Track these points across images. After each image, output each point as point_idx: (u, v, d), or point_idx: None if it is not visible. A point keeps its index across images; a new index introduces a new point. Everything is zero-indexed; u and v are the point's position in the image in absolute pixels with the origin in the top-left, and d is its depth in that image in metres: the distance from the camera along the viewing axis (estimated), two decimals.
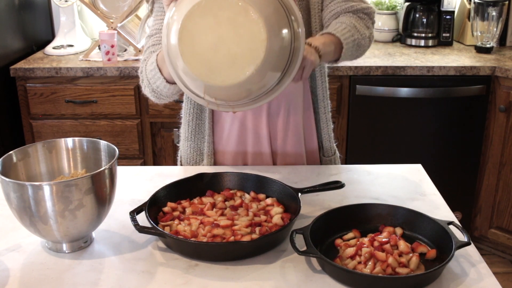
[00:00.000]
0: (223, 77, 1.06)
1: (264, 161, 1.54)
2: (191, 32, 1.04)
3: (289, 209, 1.23)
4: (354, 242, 1.12)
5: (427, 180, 1.45)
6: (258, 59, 1.03)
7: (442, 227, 1.11)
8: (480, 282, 1.03)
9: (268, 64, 1.05)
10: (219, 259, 1.09)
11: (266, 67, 1.05)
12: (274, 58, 1.06)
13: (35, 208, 1.04)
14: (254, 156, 1.54)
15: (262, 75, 1.06)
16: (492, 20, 2.80)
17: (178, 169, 1.57)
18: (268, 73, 1.07)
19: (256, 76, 1.05)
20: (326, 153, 1.60)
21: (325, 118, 1.57)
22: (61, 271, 1.07)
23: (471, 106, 2.66)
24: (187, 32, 1.04)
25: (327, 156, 1.60)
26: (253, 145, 1.53)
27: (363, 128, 2.71)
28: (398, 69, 2.58)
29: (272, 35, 1.03)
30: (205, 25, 1.03)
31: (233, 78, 1.06)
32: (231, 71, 1.05)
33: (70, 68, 2.59)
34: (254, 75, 1.05)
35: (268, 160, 1.54)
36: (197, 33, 1.04)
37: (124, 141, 2.70)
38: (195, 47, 1.05)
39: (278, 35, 1.05)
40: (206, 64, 1.06)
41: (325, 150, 1.60)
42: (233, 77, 1.06)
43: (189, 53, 1.06)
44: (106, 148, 1.21)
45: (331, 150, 1.62)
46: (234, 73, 1.05)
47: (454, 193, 2.73)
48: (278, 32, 1.05)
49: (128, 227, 1.18)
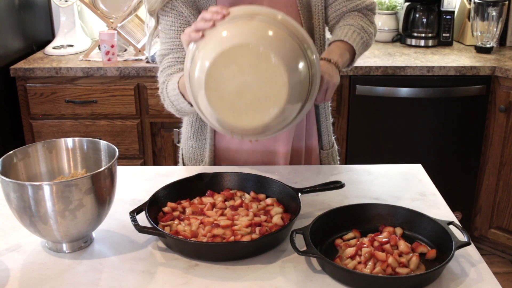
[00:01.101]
0: (248, 119, 1.12)
1: (265, 158, 1.54)
2: (216, 80, 1.08)
3: (289, 209, 1.23)
4: (354, 242, 1.12)
5: (427, 180, 1.45)
6: (281, 101, 1.08)
7: (442, 227, 1.11)
8: (480, 282, 1.03)
9: (290, 102, 1.09)
10: (219, 259, 1.09)
11: (288, 105, 1.09)
12: (295, 95, 1.10)
13: (35, 208, 1.04)
14: (255, 154, 1.54)
15: (285, 113, 1.11)
16: (492, 20, 2.80)
17: (178, 169, 1.57)
18: (290, 109, 1.11)
19: (280, 116, 1.10)
20: (324, 147, 1.61)
21: (324, 112, 1.58)
22: (61, 271, 1.07)
23: (471, 106, 2.66)
24: (213, 80, 1.08)
25: (325, 149, 1.61)
26: (255, 143, 1.53)
27: (363, 128, 2.71)
28: (398, 69, 2.58)
29: (292, 75, 1.07)
30: (229, 73, 1.08)
31: (258, 120, 1.11)
32: (256, 114, 1.10)
33: (70, 68, 2.59)
34: (278, 116, 1.10)
35: (270, 157, 1.54)
36: (222, 80, 1.08)
37: (124, 141, 2.70)
38: (221, 93, 1.10)
39: (296, 71, 1.09)
40: (232, 108, 1.11)
41: (324, 143, 1.61)
42: (258, 120, 1.11)
43: (215, 98, 1.10)
44: (106, 148, 1.21)
45: (329, 143, 1.63)
46: (259, 115, 1.10)
47: (454, 193, 2.73)
48: (296, 69, 1.09)
49: (128, 227, 1.18)
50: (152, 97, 2.62)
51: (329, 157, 1.63)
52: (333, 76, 1.29)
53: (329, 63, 1.32)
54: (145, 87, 2.63)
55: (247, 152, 1.55)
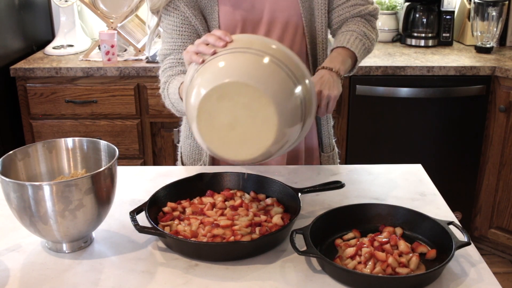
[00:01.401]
0: (236, 153, 1.13)
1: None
2: (209, 112, 1.10)
3: (289, 209, 1.23)
4: (354, 242, 1.12)
5: (427, 180, 1.45)
6: (269, 141, 1.09)
7: (442, 227, 1.11)
8: (480, 282, 1.03)
9: (280, 137, 1.10)
10: (219, 259, 1.09)
11: (279, 139, 1.10)
12: (287, 129, 1.10)
13: (35, 208, 1.04)
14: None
15: (277, 145, 1.11)
16: (492, 20, 2.80)
17: (178, 169, 1.57)
18: (283, 140, 1.11)
19: (267, 152, 1.11)
20: (325, 150, 1.61)
21: (325, 116, 1.58)
22: (61, 271, 1.07)
23: (471, 106, 2.66)
24: (205, 111, 1.10)
25: (326, 152, 1.61)
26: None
27: (363, 128, 2.71)
28: (398, 69, 2.58)
29: (283, 112, 1.08)
30: (222, 106, 1.09)
31: (246, 155, 1.12)
32: (245, 148, 1.11)
33: (70, 68, 2.59)
34: (265, 153, 1.11)
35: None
36: (214, 112, 1.10)
37: (124, 141, 2.70)
38: (213, 124, 1.11)
39: (288, 106, 1.09)
40: (222, 139, 1.12)
41: (325, 146, 1.61)
42: (246, 154, 1.12)
43: (207, 129, 1.12)
44: (106, 148, 1.21)
45: (330, 146, 1.63)
46: (247, 150, 1.11)
47: (454, 193, 2.73)
48: (288, 103, 1.09)
49: (128, 227, 1.18)
50: (152, 97, 2.62)
51: (330, 160, 1.63)
52: (333, 88, 1.30)
53: (330, 72, 1.33)
54: (145, 87, 2.63)
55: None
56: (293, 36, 1.47)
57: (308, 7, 1.46)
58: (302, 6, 1.45)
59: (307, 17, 1.46)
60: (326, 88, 1.29)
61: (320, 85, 1.30)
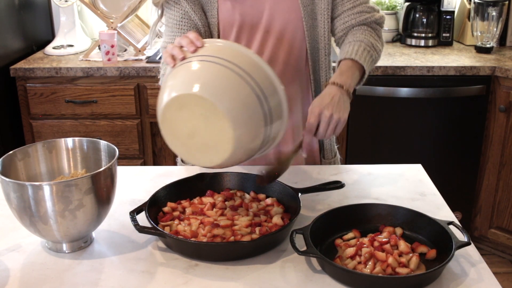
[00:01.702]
0: (198, 159, 1.16)
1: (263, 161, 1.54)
2: (170, 120, 1.13)
3: (289, 209, 1.23)
4: (354, 242, 1.12)
5: (427, 180, 1.45)
6: (227, 152, 1.10)
7: (442, 227, 1.11)
8: (480, 282, 1.03)
9: (238, 149, 1.11)
10: (219, 259, 1.09)
11: (238, 149, 1.11)
12: (246, 138, 1.11)
13: (35, 208, 1.04)
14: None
15: (240, 153, 1.12)
16: (492, 20, 2.80)
17: (178, 169, 1.57)
18: (246, 147, 1.12)
19: (230, 160, 1.13)
20: (326, 156, 1.60)
21: None
22: (61, 271, 1.07)
23: (471, 106, 2.66)
24: (167, 119, 1.14)
25: (327, 158, 1.60)
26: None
27: (363, 128, 2.71)
28: (398, 69, 2.58)
29: (241, 128, 1.09)
30: (181, 116, 1.12)
31: (209, 162, 1.15)
32: (205, 156, 1.14)
33: (70, 68, 2.59)
34: (227, 161, 1.13)
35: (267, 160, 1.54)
36: (175, 121, 1.13)
37: (124, 141, 2.70)
38: (174, 132, 1.15)
39: (248, 122, 1.10)
40: (184, 146, 1.15)
41: (326, 152, 1.59)
42: (208, 162, 1.15)
43: (170, 135, 1.16)
44: (106, 148, 1.21)
45: (331, 152, 1.61)
46: (208, 158, 1.14)
47: (454, 193, 2.73)
48: (247, 120, 1.09)
49: (128, 227, 1.18)
50: (152, 97, 2.62)
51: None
52: (344, 111, 1.29)
53: (341, 91, 1.31)
54: (145, 87, 2.63)
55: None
56: (292, 39, 1.46)
57: (311, 11, 1.45)
58: (304, 10, 1.43)
59: (308, 22, 1.45)
60: (337, 112, 1.27)
61: (332, 108, 1.27)
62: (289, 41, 1.46)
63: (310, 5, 1.44)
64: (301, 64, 1.50)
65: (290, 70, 1.48)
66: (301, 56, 1.49)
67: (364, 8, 1.46)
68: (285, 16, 1.44)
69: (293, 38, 1.46)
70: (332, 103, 1.28)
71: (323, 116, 1.26)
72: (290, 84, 1.48)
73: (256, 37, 1.45)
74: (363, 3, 1.46)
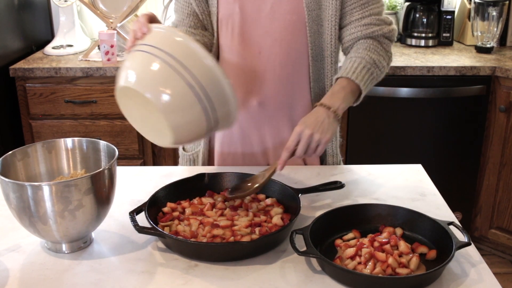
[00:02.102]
0: (154, 139, 1.21)
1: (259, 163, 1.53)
2: (124, 105, 1.20)
3: (289, 209, 1.22)
4: (354, 243, 1.11)
5: (427, 180, 1.45)
6: (170, 139, 1.15)
7: (442, 227, 1.10)
8: (480, 282, 1.03)
9: (181, 134, 1.15)
10: (219, 259, 1.09)
11: (180, 137, 1.15)
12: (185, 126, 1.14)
13: (34, 208, 1.04)
14: (248, 157, 1.53)
15: (184, 136, 1.17)
16: (492, 20, 2.80)
17: (178, 169, 1.57)
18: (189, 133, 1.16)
19: (178, 143, 1.18)
20: (328, 164, 1.56)
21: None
22: (61, 272, 1.07)
23: (471, 106, 2.66)
24: (122, 104, 1.20)
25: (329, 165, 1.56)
26: (243, 147, 1.52)
27: (363, 128, 2.71)
28: (398, 69, 2.58)
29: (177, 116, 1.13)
30: (130, 103, 1.18)
31: (161, 143, 1.20)
32: (158, 138, 1.20)
33: (69, 68, 2.58)
34: (177, 143, 1.17)
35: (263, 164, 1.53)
36: (128, 106, 1.20)
37: (124, 141, 2.70)
38: (131, 115, 1.22)
39: (185, 110, 1.12)
40: (141, 127, 1.22)
41: (328, 162, 1.56)
42: (160, 142, 1.20)
43: (128, 117, 1.22)
44: (105, 148, 1.21)
45: (333, 163, 1.57)
46: (160, 140, 1.19)
47: (454, 193, 2.73)
48: (182, 107, 1.12)
49: (128, 227, 1.17)
50: None
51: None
52: (326, 132, 1.26)
53: (327, 112, 1.28)
54: None
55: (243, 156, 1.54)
56: (292, 42, 1.42)
57: (316, 17, 1.39)
58: (308, 14, 1.39)
59: (313, 27, 1.40)
60: (319, 132, 1.25)
61: (313, 128, 1.25)
62: (288, 43, 1.42)
63: (316, 10, 1.40)
64: (301, 70, 1.45)
65: (287, 75, 1.44)
66: (301, 62, 1.44)
67: (373, 20, 1.40)
68: (286, 18, 1.40)
69: (293, 41, 1.42)
70: (315, 123, 1.26)
71: (303, 135, 1.24)
72: (286, 89, 1.45)
73: (253, 34, 1.42)
74: (373, 14, 1.41)
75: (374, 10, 1.41)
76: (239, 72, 1.45)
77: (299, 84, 1.47)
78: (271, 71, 1.43)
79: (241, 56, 1.44)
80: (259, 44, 1.43)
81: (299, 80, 1.47)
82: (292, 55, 1.43)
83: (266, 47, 1.43)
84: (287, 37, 1.42)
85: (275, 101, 1.46)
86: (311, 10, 1.39)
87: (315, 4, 1.39)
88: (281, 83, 1.44)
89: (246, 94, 1.46)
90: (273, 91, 1.45)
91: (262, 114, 1.47)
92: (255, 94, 1.45)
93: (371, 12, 1.40)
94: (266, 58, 1.43)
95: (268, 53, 1.43)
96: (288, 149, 1.25)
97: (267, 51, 1.43)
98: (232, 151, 1.52)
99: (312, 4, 1.39)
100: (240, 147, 1.52)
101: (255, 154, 1.52)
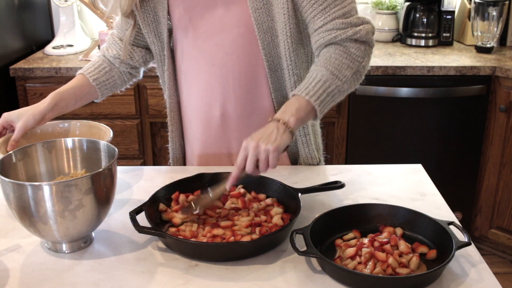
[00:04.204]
0: None
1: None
2: None
3: (289, 209, 1.22)
4: (354, 242, 1.12)
5: (427, 180, 1.45)
6: None
7: (442, 227, 1.11)
8: (480, 282, 1.03)
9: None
10: (219, 259, 1.09)
11: None
12: None
13: (34, 208, 1.04)
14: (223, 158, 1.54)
15: None
16: (493, 20, 2.80)
17: (178, 169, 1.57)
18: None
19: None
20: (304, 163, 1.52)
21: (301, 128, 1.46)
22: (61, 272, 1.07)
23: (471, 106, 2.66)
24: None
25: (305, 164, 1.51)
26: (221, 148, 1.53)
27: (363, 128, 2.71)
28: (398, 69, 2.58)
29: None
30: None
31: None
32: None
33: (70, 68, 2.58)
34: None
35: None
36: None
37: (124, 141, 2.70)
38: None
39: None
40: None
41: (302, 158, 1.51)
42: None
43: None
44: (106, 148, 1.21)
45: (312, 159, 1.52)
46: None
47: (454, 193, 2.72)
48: None
49: (128, 227, 1.17)
50: (152, 97, 2.62)
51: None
52: (272, 141, 1.16)
53: (277, 124, 1.20)
54: (145, 87, 2.63)
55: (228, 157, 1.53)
56: (246, 54, 1.38)
57: (268, 29, 1.35)
58: (258, 26, 1.34)
59: (265, 39, 1.34)
60: (265, 142, 1.16)
61: (259, 139, 1.17)
62: (240, 56, 1.39)
63: (268, 22, 1.34)
64: (259, 81, 1.42)
65: (244, 86, 1.42)
66: (258, 73, 1.41)
67: (336, 24, 1.28)
68: (234, 31, 1.37)
69: (245, 53, 1.39)
70: (261, 135, 1.18)
71: (249, 147, 1.17)
72: (245, 99, 1.43)
73: (205, 47, 1.41)
74: (336, 17, 1.28)
75: (337, 13, 1.28)
76: (196, 84, 1.46)
77: (258, 94, 1.44)
78: (226, 83, 1.42)
79: (196, 68, 1.44)
80: (212, 56, 1.41)
81: (257, 91, 1.43)
82: (246, 67, 1.40)
83: (218, 59, 1.41)
84: (238, 49, 1.39)
85: (236, 112, 1.45)
86: (261, 22, 1.34)
87: (265, 16, 1.34)
88: (239, 95, 1.43)
89: (207, 105, 1.46)
90: (233, 102, 1.44)
91: (226, 124, 1.47)
92: (216, 105, 1.45)
93: (334, 16, 1.28)
94: (219, 71, 1.41)
95: (221, 66, 1.41)
96: (237, 166, 1.18)
97: (219, 63, 1.41)
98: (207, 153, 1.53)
99: (261, 16, 1.34)
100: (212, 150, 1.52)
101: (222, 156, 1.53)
